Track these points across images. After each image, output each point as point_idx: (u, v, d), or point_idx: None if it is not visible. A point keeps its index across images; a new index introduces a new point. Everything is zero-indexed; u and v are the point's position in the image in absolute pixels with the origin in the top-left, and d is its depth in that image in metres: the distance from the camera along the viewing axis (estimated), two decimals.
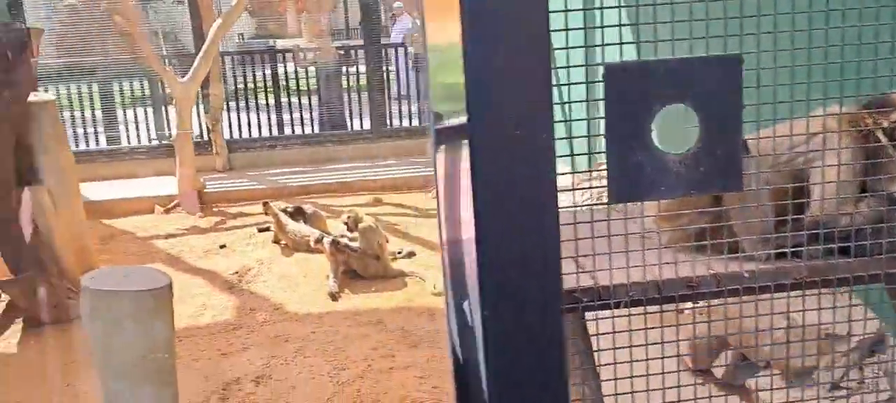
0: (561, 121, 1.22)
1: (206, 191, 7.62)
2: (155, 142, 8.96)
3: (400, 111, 9.55)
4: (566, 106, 1.26)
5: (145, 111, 9.11)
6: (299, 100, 9.48)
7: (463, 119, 1.20)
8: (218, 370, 4.08)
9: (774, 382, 2.91)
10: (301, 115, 9.45)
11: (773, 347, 2.46)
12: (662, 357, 1.46)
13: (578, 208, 1.30)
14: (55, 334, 4.70)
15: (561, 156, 1.34)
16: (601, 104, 1.35)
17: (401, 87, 9.87)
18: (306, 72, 9.53)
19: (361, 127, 9.38)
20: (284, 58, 9.31)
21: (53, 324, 4.77)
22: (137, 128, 9.03)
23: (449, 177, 1.30)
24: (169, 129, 8.98)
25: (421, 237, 6.26)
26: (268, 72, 9.24)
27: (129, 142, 8.99)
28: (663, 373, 1.45)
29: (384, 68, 9.22)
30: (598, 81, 1.32)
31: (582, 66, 1.24)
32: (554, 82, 1.25)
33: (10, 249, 4.83)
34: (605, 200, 1.46)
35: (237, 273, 5.55)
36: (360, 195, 7.66)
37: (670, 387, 1.45)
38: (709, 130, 1.31)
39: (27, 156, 4.99)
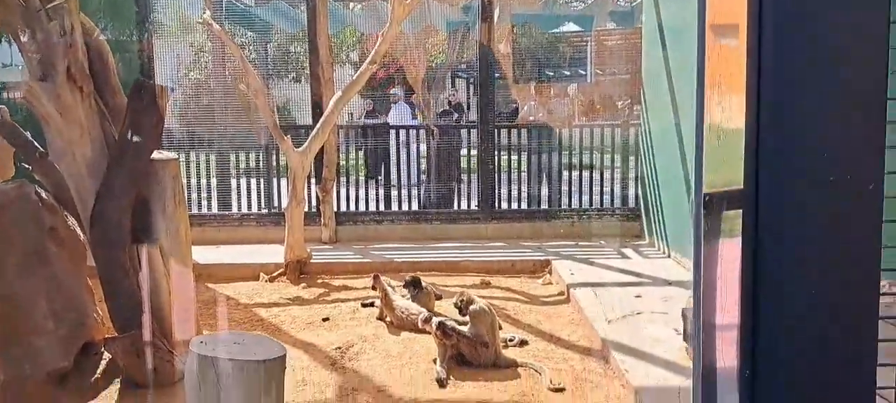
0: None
1: (311, 261, 7.49)
2: (265, 211, 9.02)
3: (509, 193, 9.27)
4: None
5: (259, 180, 9.21)
6: (408, 176, 9.38)
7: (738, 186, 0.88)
8: None
9: None
10: (408, 192, 9.34)
11: None
12: None
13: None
14: (153, 397, 4.52)
15: None
16: None
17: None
18: (417, 150, 9.46)
19: (469, 206, 9.14)
20: (397, 134, 9.28)
21: (152, 387, 4.60)
22: (249, 196, 9.12)
23: (714, 255, 0.96)
24: (278, 199, 9.03)
25: (532, 325, 5.83)
26: (379, 146, 9.22)
27: (238, 209, 9.08)
28: None
29: (495, 148, 9.00)
30: None
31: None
32: None
33: (118, 306, 4.74)
34: None
35: (339, 348, 5.27)
36: (468, 276, 7.34)
37: None
38: None
39: (144, 213, 4.96)
